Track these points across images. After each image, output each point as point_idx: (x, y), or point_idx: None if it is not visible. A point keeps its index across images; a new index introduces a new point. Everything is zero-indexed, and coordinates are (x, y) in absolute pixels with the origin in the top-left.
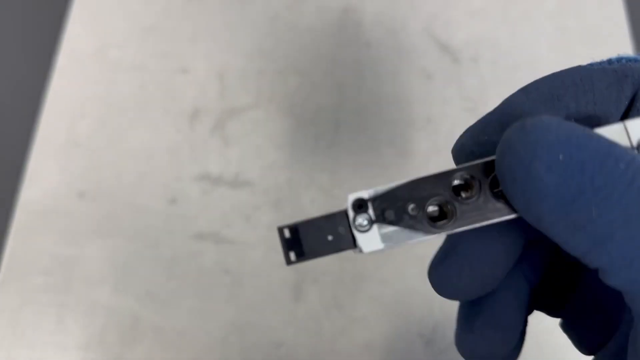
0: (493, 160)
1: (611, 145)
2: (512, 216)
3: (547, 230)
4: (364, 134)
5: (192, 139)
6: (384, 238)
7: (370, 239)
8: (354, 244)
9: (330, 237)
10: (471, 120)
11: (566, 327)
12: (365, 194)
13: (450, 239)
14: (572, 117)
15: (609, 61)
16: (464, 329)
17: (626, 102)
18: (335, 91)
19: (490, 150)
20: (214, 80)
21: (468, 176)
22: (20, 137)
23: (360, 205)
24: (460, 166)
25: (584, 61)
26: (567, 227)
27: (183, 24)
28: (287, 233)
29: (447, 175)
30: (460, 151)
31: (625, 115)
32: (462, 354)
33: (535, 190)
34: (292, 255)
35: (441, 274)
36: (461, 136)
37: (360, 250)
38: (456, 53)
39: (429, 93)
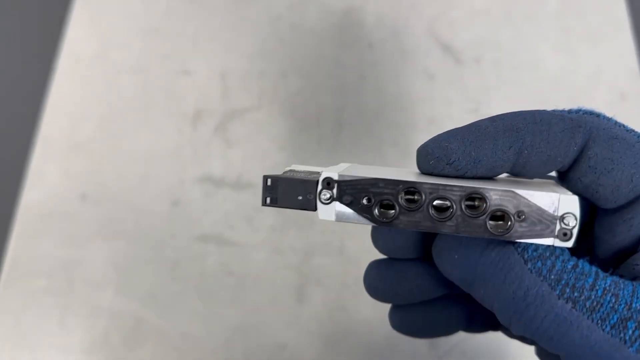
0: (433, 187)
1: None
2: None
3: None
4: (367, 135)
5: (195, 141)
6: (338, 214)
7: (327, 211)
8: (315, 208)
9: (300, 197)
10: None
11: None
12: (335, 175)
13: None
14: (526, 149)
15: (569, 111)
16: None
17: (575, 149)
18: (338, 92)
19: (449, 156)
20: (216, 81)
21: (416, 190)
22: (22, 140)
23: (328, 183)
24: (412, 180)
25: (586, 61)
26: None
27: (185, 26)
28: (269, 182)
29: (402, 184)
30: (422, 153)
31: (576, 162)
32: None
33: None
34: (268, 200)
35: (373, 236)
36: (428, 141)
37: (318, 215)
38: (459, 54)
39: (432, 94)
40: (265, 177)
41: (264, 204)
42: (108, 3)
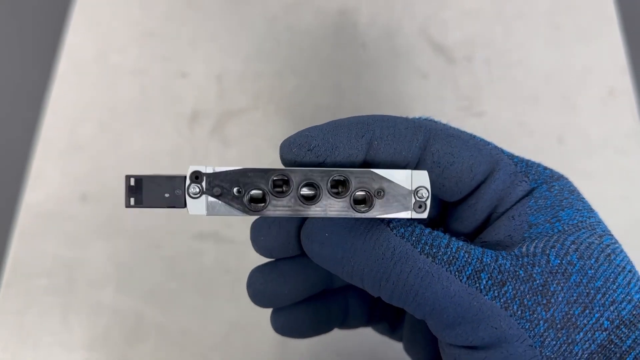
0: (301, 170)
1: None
2: (310, 215)
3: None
4: None
5: (192, 141)
6: (209, 207)
7: (197, 205)
8: (184, 205)
9: (167, 195)
10: (466, 119)
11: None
12: (203, 168)
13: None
14: (375, 140)
15: (414, 118)
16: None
17: (417, 145)
18: (333, 92)
19: (309, 142)
20: (213, 83)
21: (284, 177)
22: (23, 141)
23: (197, 177)
24: (280, 168)
25: (576, 58)
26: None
27: (182, 29)
28: (132, 181)
29: (270, 172)
30: (285, 144)
31: (422, 161)
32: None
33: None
34: (132, 201)
35: (253, 238)
36: (291, 135)
37: (188, 212)
38: (451, 53)
39: (425, 92)
40: (128, 177)
41: (128, 205)
42: (107, 7)
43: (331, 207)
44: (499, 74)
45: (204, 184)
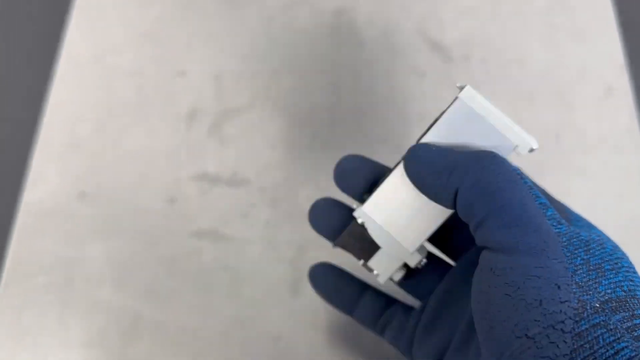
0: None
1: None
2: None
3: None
4: (359, 132)
5: (190, 140)
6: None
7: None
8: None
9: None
10: None
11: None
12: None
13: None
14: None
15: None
16: None
17: None
18: (330, 91)
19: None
20: (210, 82)
21: None
22: (22, 141)
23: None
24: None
25: (573, 57)
26: (439, 188)
27: (179, 29)
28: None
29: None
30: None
31: None
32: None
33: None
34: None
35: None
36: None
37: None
38: (448, 51)
39: (422, 91)
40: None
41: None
42: (105, 9)
43: None
44: (496, 72)
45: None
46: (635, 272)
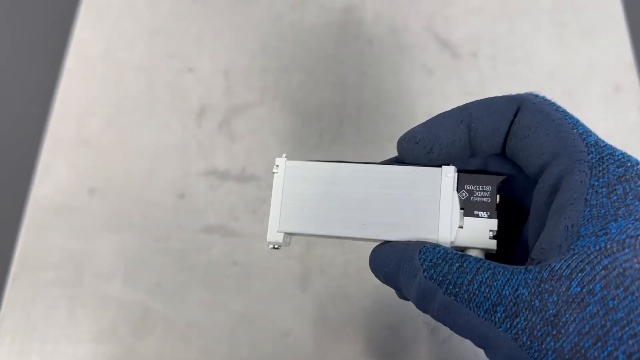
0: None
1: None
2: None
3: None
4: (367, 129)
5: (199, 136)
6: None
7: None
8: None
9: None
10: None
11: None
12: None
13: None
14: (473, 122)
15: (515, 94)
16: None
17: (510, 117)
18: (338, 88)
19: (415, 136)
20: (219, 78)
21: None
22: (31, 136)
23: None
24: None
25: (581, 54)
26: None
27: (189, 25)
28: None
29: None
30: (398, 142)
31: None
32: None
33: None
34: None
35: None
36: (400, 137)
37: None
38: (456, 49)
39: (430, 88)
40: None
41: None
42: (114, 4)
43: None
44: (504, 70)
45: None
46: None
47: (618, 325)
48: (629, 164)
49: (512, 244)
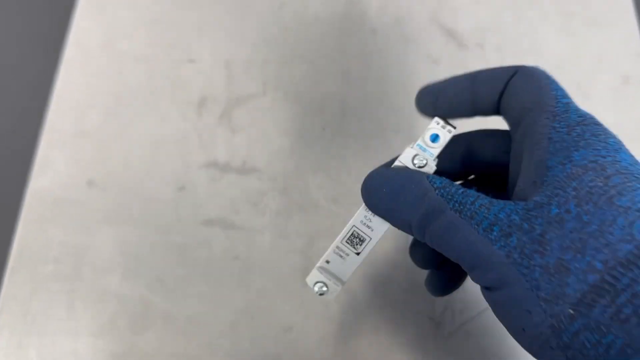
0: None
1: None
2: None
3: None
4: (371, 121)
5: (200, 128)
6: None
7: None
8: None
9: None
10: None
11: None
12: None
13: None
14: (477, 82)
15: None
16: None
17: (507, 79)
18: (342, 79)
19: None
20: (220, 69)
21: None
22: (29, 128)
23: None
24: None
25: (589, 45)
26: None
27: (189, 15)
28: None
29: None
30: (417, 96)
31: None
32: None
33: (375, 206)
34: None
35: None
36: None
37: None
38: (462, 39)
39: (435, 79)
40: None
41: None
42: None
43: None
44: (511, 60)
45: None
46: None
47: (593, 237)
48: (588, 116)
49: None
